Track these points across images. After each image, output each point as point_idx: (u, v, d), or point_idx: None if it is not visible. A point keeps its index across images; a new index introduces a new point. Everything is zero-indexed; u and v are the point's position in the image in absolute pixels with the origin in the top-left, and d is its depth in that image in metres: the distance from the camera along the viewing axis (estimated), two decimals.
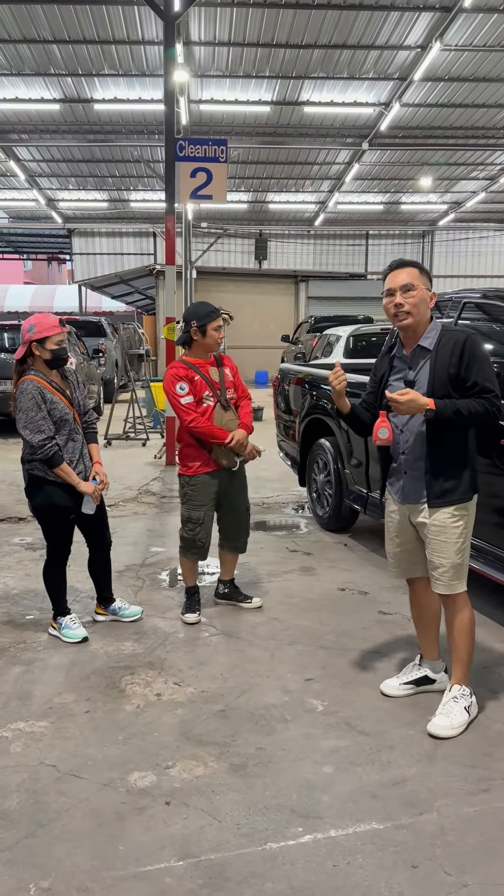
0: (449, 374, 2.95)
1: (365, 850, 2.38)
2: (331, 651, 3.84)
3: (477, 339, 3.00)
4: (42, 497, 3.85)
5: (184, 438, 4.21)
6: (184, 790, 2.69)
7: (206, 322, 4.10)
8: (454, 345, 2.96)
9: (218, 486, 4.22)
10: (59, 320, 3.84)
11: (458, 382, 2.95)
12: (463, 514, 3.05)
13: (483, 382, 2.91)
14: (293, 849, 2.39)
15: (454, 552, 3.04)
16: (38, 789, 2.70)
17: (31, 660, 3.75)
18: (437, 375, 2.97)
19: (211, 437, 4.09)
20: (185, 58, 14.11)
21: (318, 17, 13.05)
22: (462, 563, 3.07)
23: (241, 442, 4.13)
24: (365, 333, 11.17)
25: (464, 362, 2.93)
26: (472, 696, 3.15)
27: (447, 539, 3.04)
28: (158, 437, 10.80)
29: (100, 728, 3.11)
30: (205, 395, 4.12)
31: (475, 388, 2.92)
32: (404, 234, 28.19)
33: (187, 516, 4.24)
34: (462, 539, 3.05)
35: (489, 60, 14.59)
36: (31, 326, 3.77)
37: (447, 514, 3.03)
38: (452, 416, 2.90)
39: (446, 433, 2.99)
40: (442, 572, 3.07)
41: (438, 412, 2.91)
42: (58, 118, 17.67)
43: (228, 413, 4.17)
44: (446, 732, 3.02)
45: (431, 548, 3.08)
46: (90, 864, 2.33)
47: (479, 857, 2.35)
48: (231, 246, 27.30)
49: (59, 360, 3.84)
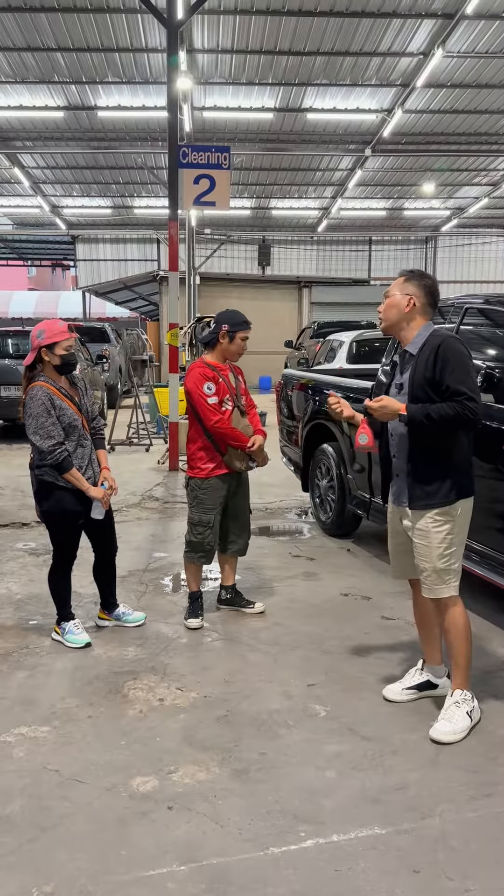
0: (426, 378, 3.01)
1: (367, 855, 2.38)
2: (333, 656, 3.85)
3: (452, 342, 3.03)
4: (52, 502, 3.87)
5: (197, 440, 4.23)
6: (186, 795, 2.69)
7: (237, 330, 4.16)
8: (431, 349, 3.02)
9: (227, 490, 4.25)
10: (68, 326, 3.87)
11: (435, 386, 2.99)
12: (446, 518, 3.07)
13: (455, 385, 2.95)
14: (295, 854, 2.39)
15: (436, 557, 3.07)
16: (40, 794, 2.71)
17: (35, 665, 3.76)
18: (416, 380, 3.04)
19: (233, 440, 4.14)
20: (188, 65, 14.16)
21: (321, 24, 13.10)
22: (447, 568, 3.08)
23: (261, 447, 4.23)
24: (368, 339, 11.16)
25: (438, 366, 2.98)
26: (473, 701, 3.15)
27: (429, 543, 3.07)
28: (162, 443, 10.82)
29: (102, 733, 3.12)
30: (225, 398, 4.18)
31: (448, 391, 2.96)
32: (407, 240, 28.21)
33: (197, 519, 4.25)
34: (445, 545, 3.07)
35: (491, 67, 14.61)
36: (41, 332, 3.80)
37: (429, 519, 3.07)
38: (424, 420, 2.96)
39: (424, 437, 3.04)
40: (426, 576, 3.12)
41: (410, 417, 2.99)
42: (62, 125, 17.74)
43: (244, 419, 4.24)
44: (449, 738, 3.02)
45: (416, 551, 3.14)
46: (92, 868, 2.33)
47: (481, 863, 2.35)
48: (234, 252, 27.33)
49: (69, 365, 3.87)
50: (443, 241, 28.13)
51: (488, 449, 3.86)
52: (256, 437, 4.23)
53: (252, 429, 4.27)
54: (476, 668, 3.26)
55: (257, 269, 27.44)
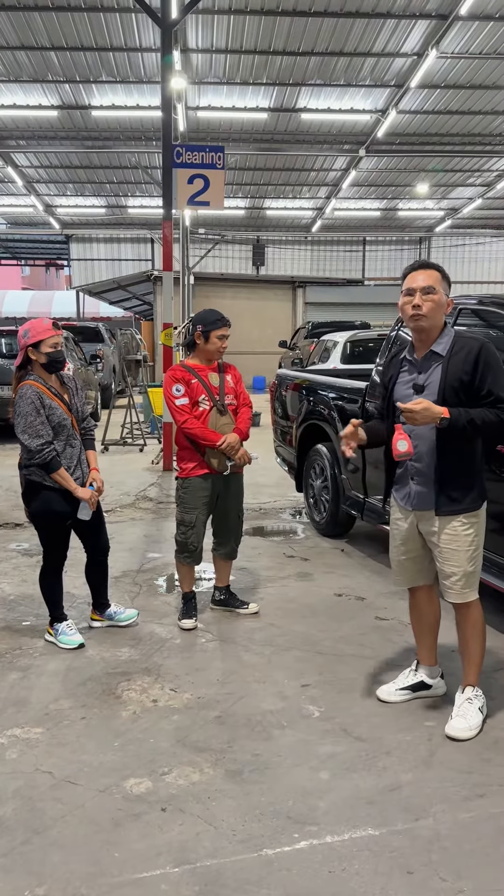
0: (462, 382, 2.91)
1: (361, 856, 2.38)
2: (328, 657, 3.84)
3: (492, 347, 2.96)
4: (39, 502, 3.85)
5: (181, 441, 4.23)
6: (180, 797, 2.69)
7: (210, 329, 4.12)
8: (468, 352, 2.92)
9: (211, 490, 4.22)
10: (53, 323, 3.85)
11: (472, 391, 2.91)
12: (473, 521, 3.03)
13: (498, 392, 2.89)
14: (289, 855, 2.38)
15: (466, 560, 3.03)
16: (33, 796, 2.70)
17: (28, 666, 3.75)
18: (449, 382, 2.93)
19: (202, 439, 4.11)
20: (182, 65, 14.16)
21: (315, 24, 13.11)
22: (474, 570, 3.07)
23: (231, 445, 4.12)
24: (362, 339, 11.18)
25: (478, 371, 2.90)
26: (483, 697, 3.17)
27: (458, 548, 3.02)
28: (156, 443, 10.81)
29: (96, 734, 3.11)
30: (200, 398, 4.14)
31: (489, 398, 2.89)
32: (401, 241, 28.25)
33: (180, 519, 4.26)
34: (474, 547, 3.04)
35: (485, 68, 14.64)
36: (26, 332, 3.79)
37: (458, 523, 3.01)
38: (466, 425, 2.86)
39: (456, 442, 2.95)
40: (454, 581, 3.06)
41: (452, 421, 2.86)
42: (55, 125, 17.71)
43: (224, 418, 4.18)
44: (466, 734, 3.03)
45: (443, 557, 3.06)
46: (86, 870, 2.32)
47: (474, 863, 2.35)
48: (229, 252, 27.33)
49: (56, 362, 3.85)
50: (436, 241, 28.19)
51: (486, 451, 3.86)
52: (227, 436, 4.11)
53: (232, 427, 4.21)
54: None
55: (251, 269, 27.45)
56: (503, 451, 3.80)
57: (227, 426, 4.18)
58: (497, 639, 4.06)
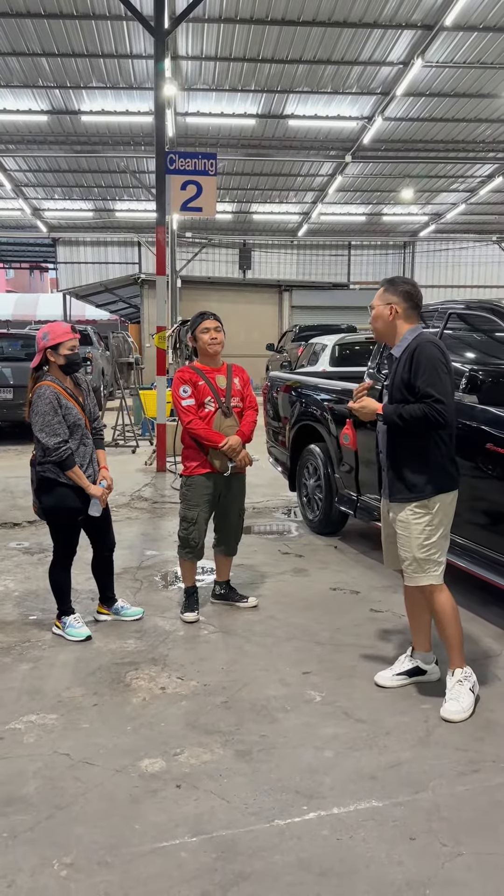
0: (403, 380, 3.24)
1: (366, 825, 2.55)
2: (326, 647, 4.01)
3: (426, 346, 3.22)
4: (53, 498, 4.00)
5: (186, 441, 4.40)
6: (193, 774, 2.84)
7: (195, 328, 4.37)
8: (409, 353, 3.23)
9: (213, 489, 4.38)
10: (72, 326, 4.02)
11: (411, 388, 3.21)
12: (425, 511, 3.27)
13: (424, 388, 3.16)
14: (299, 825, 2.55)
15: (416, 547, 3.28)
16: (53, 776, 2.84)
17: (38, 657, 3.89)
18: (395, 381, 3.28)
19: (206, 440, 4.27)
20: (172, 71, 14.31)
21: (304, 33, 13.31)
22: (427, 558, 3.28)
23: (233, 447, 4.28)
24: (350, 342, 11.40)
25: (412, 369, 3.20)
26: (472, 675, 3.36)
27: (409, 534, 3.29)
28: (148, 445, 10.94)
29: (109, 719, 3.26)
30: (206, 400, 4.31)
31: (419, 393, 3.18)
32: (386, 245, 28.58)
33: (182, 515, 4.43)
34: (424, 536, 3.27)
35: (469, 76, 14.93)
36: (45, 334, 3.94)
37: (409, 511, 3.29)
38: (397, 419, 3.20)
39: (401, 435, 3.27)
40: (406, 565, 3.35)
41: (384, 416, 3.26)
42: (45, 129, 17.80)
43: (229, 420, 4.34)
44: (460, 716, 3.21)
45: (399, 542, 3.37)
46: (109, 841, 2.47)
47: (472, 830, 2.52)
48: (216, 255, 27.53)
49: (74, 364, 4.01)
50: (420, 246, 28.55)
51: (472, 448, 4.05)
52: (230, 438, 4.27)
53: (236, 429, 4.37)
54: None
55: (238, 273, 27.65)
56: (492, 448, 4.01)
57: (231, 428, 4.34)
58: (486, 628, 4.25)
